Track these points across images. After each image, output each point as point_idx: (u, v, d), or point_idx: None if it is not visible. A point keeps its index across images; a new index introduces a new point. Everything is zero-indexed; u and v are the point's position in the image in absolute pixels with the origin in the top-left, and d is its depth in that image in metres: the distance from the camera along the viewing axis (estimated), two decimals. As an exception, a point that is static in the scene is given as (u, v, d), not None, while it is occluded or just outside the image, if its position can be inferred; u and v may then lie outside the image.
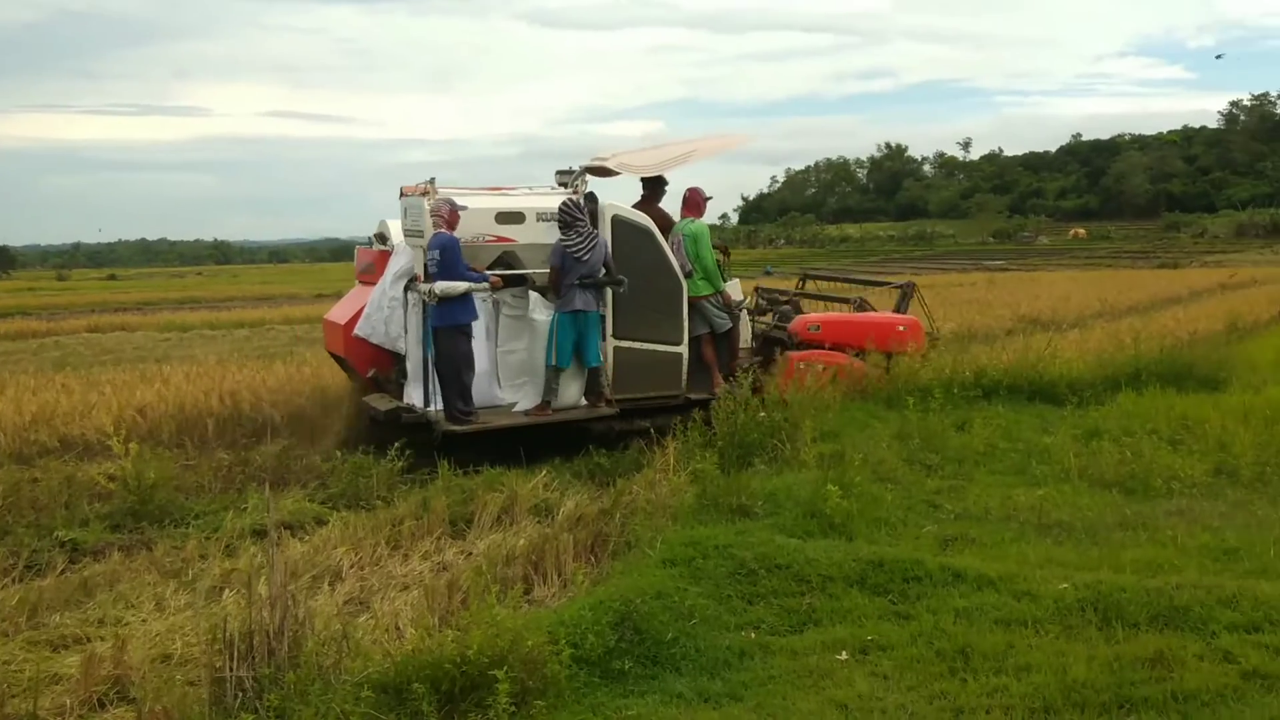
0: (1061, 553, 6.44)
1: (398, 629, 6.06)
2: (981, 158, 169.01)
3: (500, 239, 10.32)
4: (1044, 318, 22.74)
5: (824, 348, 11.34)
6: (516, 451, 9.78)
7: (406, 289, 10.11)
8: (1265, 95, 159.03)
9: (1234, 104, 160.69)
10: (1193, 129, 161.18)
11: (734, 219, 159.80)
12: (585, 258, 10.06)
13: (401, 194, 10.43)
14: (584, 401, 10.45)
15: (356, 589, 6.99)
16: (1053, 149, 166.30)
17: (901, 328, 11.72)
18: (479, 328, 10.09)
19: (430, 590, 6.48)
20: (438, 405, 9.89)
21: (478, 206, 10.21)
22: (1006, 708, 4.46)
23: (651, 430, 10.04)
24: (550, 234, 10.26)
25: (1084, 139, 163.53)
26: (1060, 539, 6.80)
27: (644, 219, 10.78)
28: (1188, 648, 4.86)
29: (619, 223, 10.56)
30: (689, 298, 10.87)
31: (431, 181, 10.02)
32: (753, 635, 5.36)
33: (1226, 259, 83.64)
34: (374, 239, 11.62)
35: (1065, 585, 5.60)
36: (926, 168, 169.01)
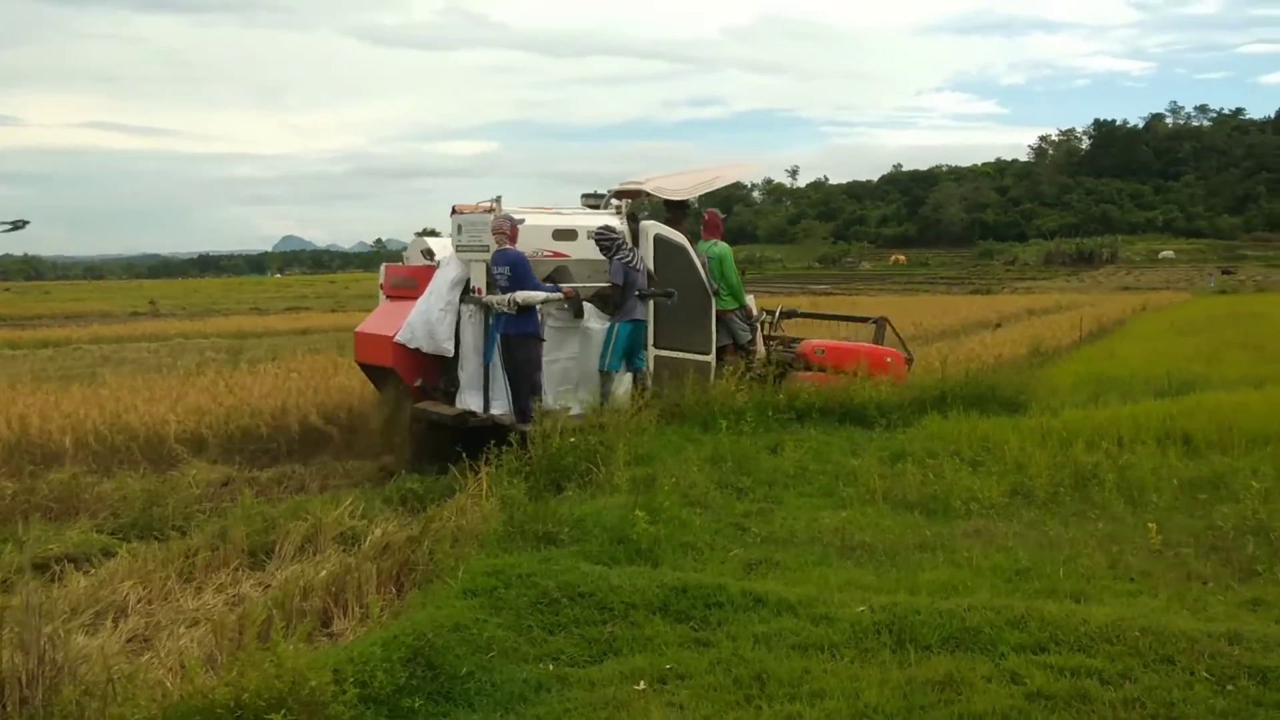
0: (862, 575, 6.48)
1: (182, 668, 5.72)
2: (808, 185, 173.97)
3: (556, 254, 11.26)
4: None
5: (826, 371, 12.39)
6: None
7: (462, 301, 10.74)
8: (1071, 131, 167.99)
9: (1042, 139, 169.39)
10: (1005, 161, 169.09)
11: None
12: (640, 269, 11.07)
13: (454, 211, 11.07)
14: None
15: (141, 625, 6.62)
16: (875, 178, 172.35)
17: (889, 359, 13.00)
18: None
19: (219, 626, 6.14)
20: (499, 409, 10.42)
21: (535, 224, 11.05)
22: (799, 735, 4.41)
23: None
24: (597, 250, 11.10)
25: (904, 169, 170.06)
26: (862, 561, 6.85)
27: (681, 237, 11.81)
28: (976, 669, 4.90)
29: (660, 241, 11.56)
30: (717, 312, 12.03)
31: (497, 200, 10.72)
32: (551, 667, 5.21)
33: (1035, 285, 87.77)
34: (406, 256, 12.60)
35: (863, 608, 5.61)
36: (756, 194, 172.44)
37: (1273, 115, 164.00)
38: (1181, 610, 5.74)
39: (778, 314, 14.33)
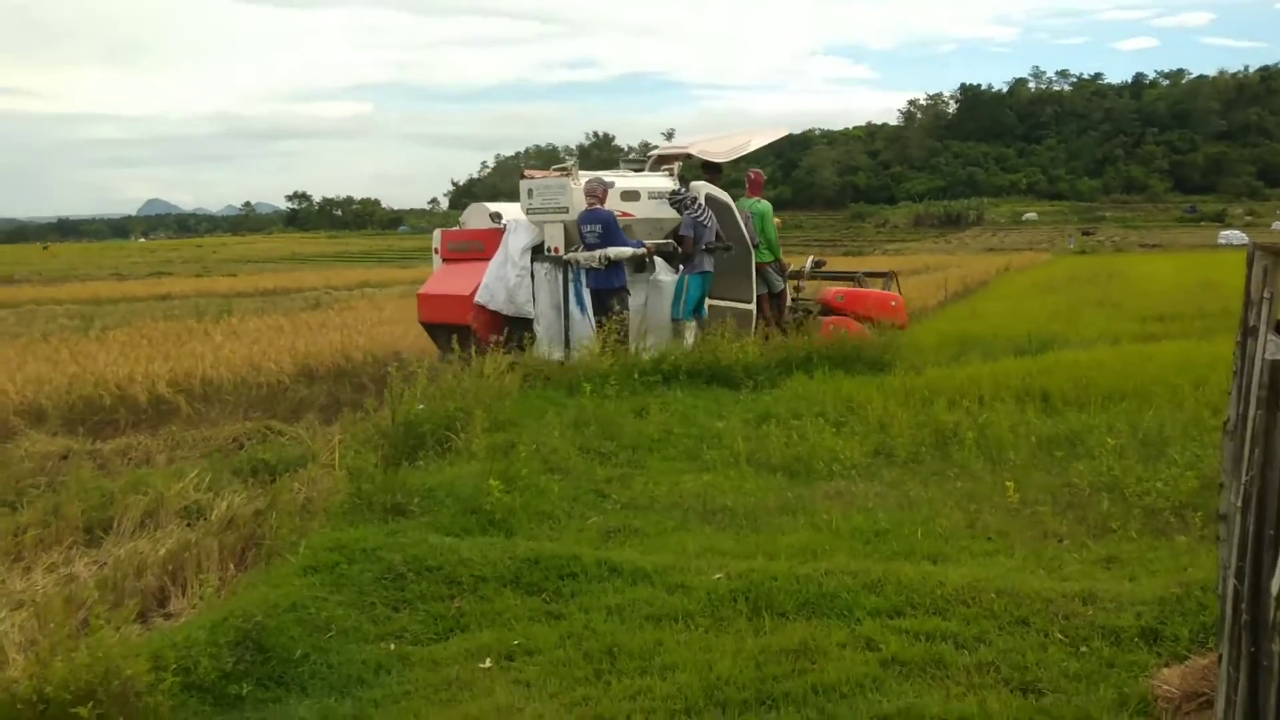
0: (722, 540, 6.34)
1: (3, 653, 5.31)
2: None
3: (624, 214, 12.06)
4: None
5: (844, 314, 13.97)
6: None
7: (534, 260, 11.71)
8: (939, 95, 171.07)
9: (911, 103, 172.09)
10: (876, 125, 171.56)
11: (444, 204, 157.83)
12: (710, 224, 12.16)
13: (523, 175, 12.32)
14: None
15: (-42, 610, 6.14)
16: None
17: (893, 302, 14.95)
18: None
19: (43, 609, 5.70)
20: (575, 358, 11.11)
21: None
22: (648, 711, 4.22)
23: None
24: (658, 210, 12.46)
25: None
26: (723, 525, 6.72)
27: (726, 196, 12.86)
28: (831, 636, 4.77)
29: (710, 199, 12.51)
30: (755, 264, 13.04)
31: (575, 164, 11.97)
32: (393, 646, 4.95)
33: (905, 247, 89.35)
34: (463, 220, 13.42)
35: (719, 575, 5.46)
36: (632, 157, 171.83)
37: (1129, 80, 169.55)
38: (1037, 570, 5.69)
39: (808, 265, 15.52)
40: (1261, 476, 2.97)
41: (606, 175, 12.23)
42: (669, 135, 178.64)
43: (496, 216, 12.59)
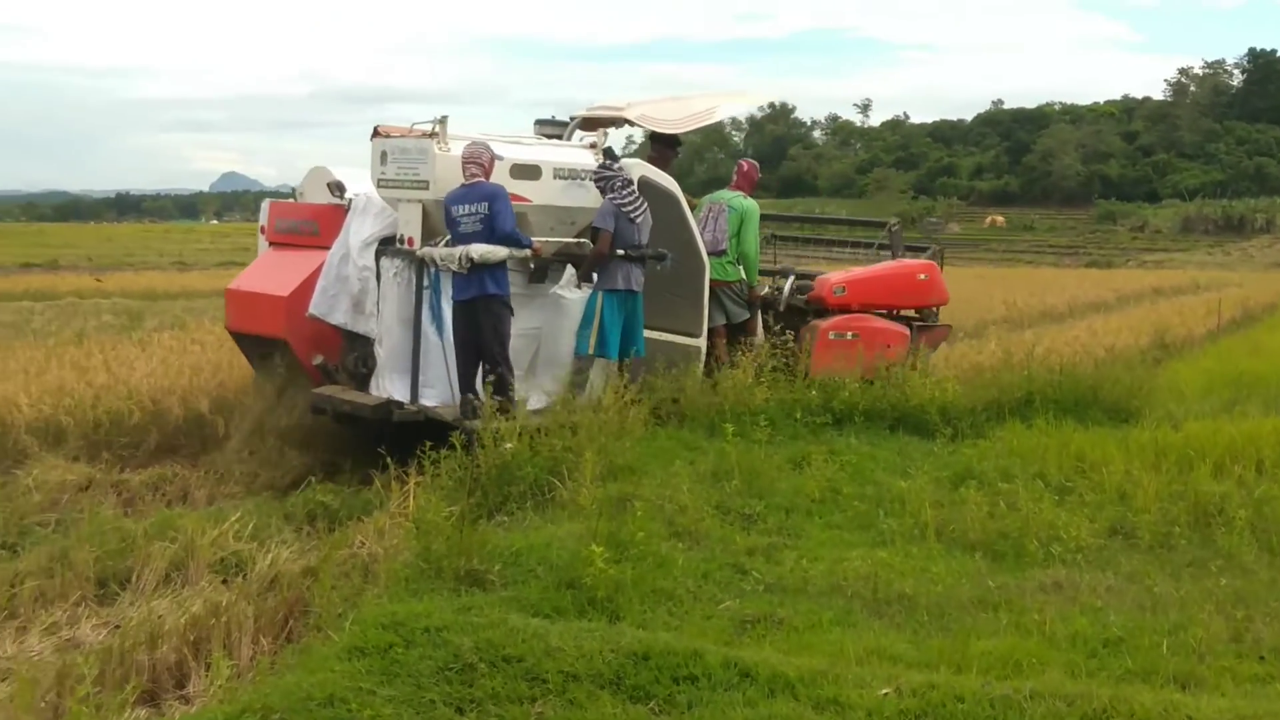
0: (894, 642, 6.15)
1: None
2: (883, 124, 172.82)
3: (515, 197, 10.26)
4: (934, 323, 22.81)
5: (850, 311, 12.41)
6: None
7: (380, 256, 10.43)
8: (1219, 64, 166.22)
9: (1183, 72, 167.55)
10: (1134, 100, 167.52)
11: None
12: (640, 220, 10.61)
13: (376, 134, 10.62)
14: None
15: (-65, 678, 6.30)
16: (968, 117, 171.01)
17: (923, 275, 13.27)
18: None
19: (23, 686, 5.77)
20: (433, 399, 10.11)
21: None
22: None
23: None
24: (566, 194, 10.82)
25: (1005, 107, 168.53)
26: (897, 621, 6.55)
27: (671, 184, 11.38)
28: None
29: (646, 185, 10.96)
30: (711, 282, 11.64)
31: (442, 121, 10.23)
32: (451, 763, 4.82)
33: (1169, 259, 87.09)
34: (300, 191, 12.17)
35: (887, 691, 5.26)
36: (817, 134, 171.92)
37: None
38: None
39: (788, 288, 13.62)
40: None
41: (497, 144, 10.48)
42: (864, 108, 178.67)
43: (338, 188, 11.29)
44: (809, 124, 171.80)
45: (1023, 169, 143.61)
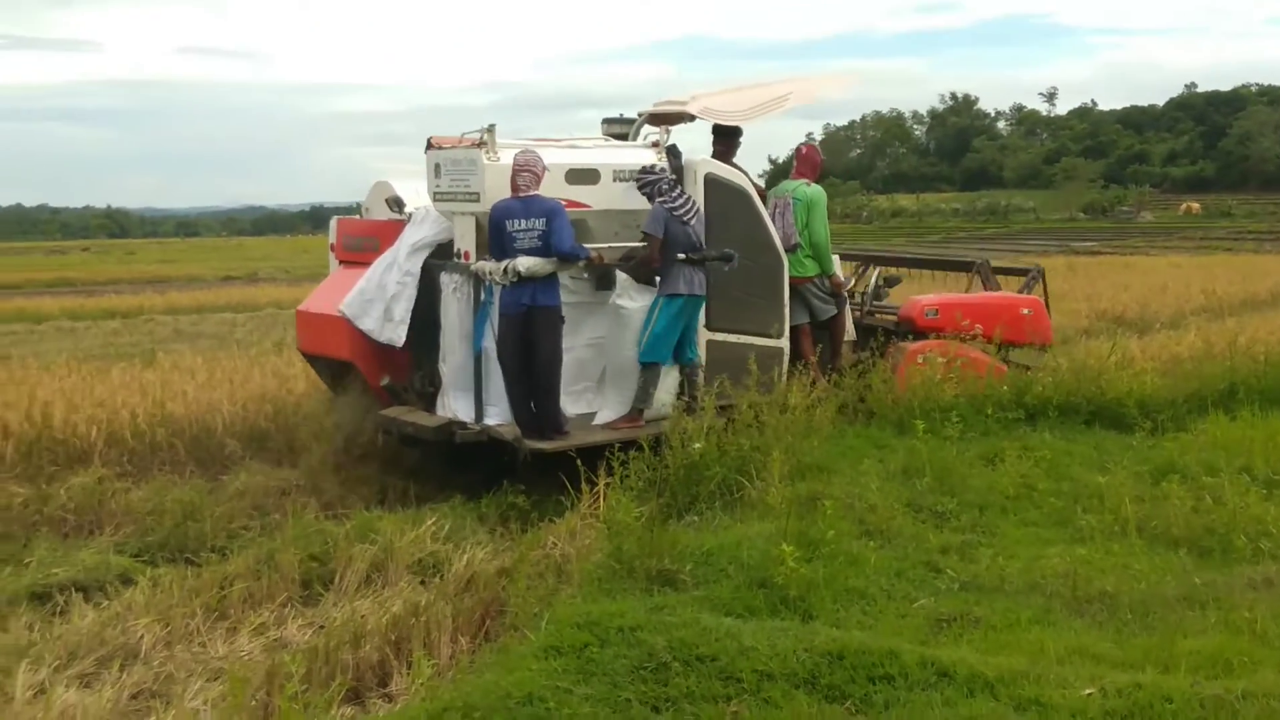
0: (1096, 641, 6.03)
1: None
2: (1070, 113, 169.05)
3: (572, 204, 10.00)
4: (1130, 314, 22.31)
5: (942, 336, 11.62)
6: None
7: (441, 271, 10.08)
8: None
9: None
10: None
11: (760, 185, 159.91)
12: (692, 220, 10.04)
13: (430, 146, 10.33)
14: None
15: (152, 677, 6.55)
16: (1160, 102, 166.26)
17: (1026, 310, 12.37)
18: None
19: (235, 684, 5.97)
20: (497, 418, 9.74)
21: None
22: None
23: None
24: (629, 197, 10.26)
25: (1199, 90, 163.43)
26: (1099, 620, 6.42)
27: (742, 179, 10.88)
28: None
29: (713, 183, 10.55)
30: (790, 279, 11.06)
31: (490, 130, 9.86)
32: (649, 762, 4.86)
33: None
34: (365, 206, 11.83)
35: (1090, 691, 5.15)
36: (1001, 125, 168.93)
37: None
38: None
39: (874, 282, 13.41)
40: None
41: (547, 147, 10.13)
42: (1050, 96, 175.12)
43: (396, 203, 11.11)
44: (993, 114, 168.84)
45: (1218, 153, 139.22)
